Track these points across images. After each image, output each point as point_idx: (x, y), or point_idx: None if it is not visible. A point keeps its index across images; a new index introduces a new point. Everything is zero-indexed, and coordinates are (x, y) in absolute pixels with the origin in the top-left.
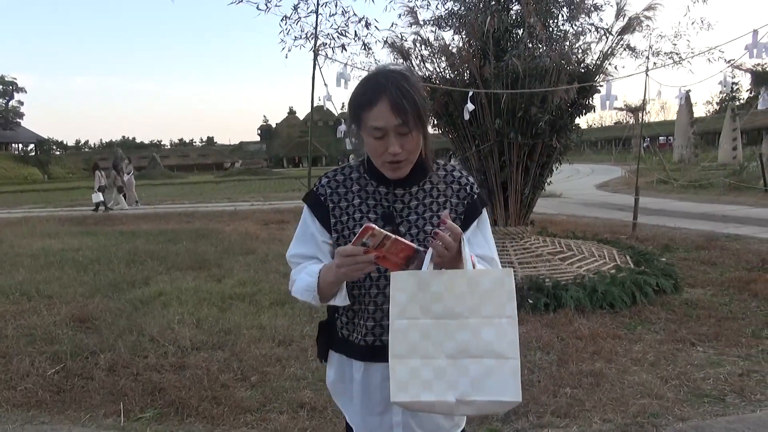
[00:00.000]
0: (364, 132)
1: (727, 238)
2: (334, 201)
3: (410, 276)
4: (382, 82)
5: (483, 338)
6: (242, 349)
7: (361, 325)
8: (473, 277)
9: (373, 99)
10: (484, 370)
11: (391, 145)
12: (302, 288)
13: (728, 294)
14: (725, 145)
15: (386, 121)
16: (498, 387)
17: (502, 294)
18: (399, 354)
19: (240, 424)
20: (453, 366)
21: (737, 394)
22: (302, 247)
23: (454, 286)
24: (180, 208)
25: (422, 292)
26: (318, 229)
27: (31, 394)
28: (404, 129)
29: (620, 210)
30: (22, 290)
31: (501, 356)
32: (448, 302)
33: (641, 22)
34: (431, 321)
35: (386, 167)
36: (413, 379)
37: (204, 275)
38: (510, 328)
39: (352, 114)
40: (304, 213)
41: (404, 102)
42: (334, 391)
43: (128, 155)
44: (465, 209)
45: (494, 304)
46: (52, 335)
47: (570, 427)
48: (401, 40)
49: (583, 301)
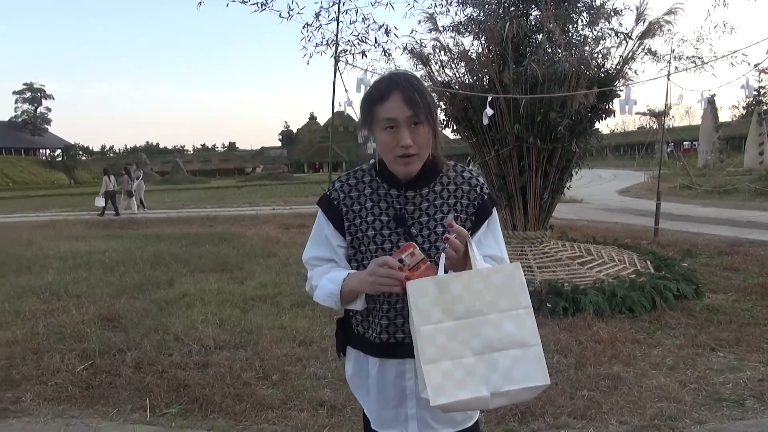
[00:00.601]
0: (376, 128)
1: (751, 244)
2: (347, 205)
3: (429, 281)
4: (394, 79)
5: (505, 331)
6: (264, 348)
7: (375, 323)
8: (487, 275)
9: (386, 93)
10: (511, 360)
11: (403, 137)
12: (324, 295)
13: (751, 300)
14: (751, 150)
15: (398, 113)
16: (527, 374)
17: (515, 287)
18: (430, 359)
19: (262, 420)
20: (482, 362)
21: (757, 399)
22: (318, 249)
23: (471, 286)
24: (203, 212)
25: (442, 295)
26: (332, 232)
27: (61, 389)
28: (416, 120)
29: (642, 215)
30: (52, 290)
31: (524, 345)
32: (468, 302)
33: (662, 27)
34: (455, 322)
35: (397, 162)
36: (447, 381)
37: (226, 277)
38: (528, 318)
39: (365, 111)
40: (319, 217)
41: (416, 95)
42: (352, 384)
43: (152, 160)
44: (475, 210)
45: (510, 298)
46: (81, 333)
47: (586, 429)
48: (421, 46)
49: (602, 305)
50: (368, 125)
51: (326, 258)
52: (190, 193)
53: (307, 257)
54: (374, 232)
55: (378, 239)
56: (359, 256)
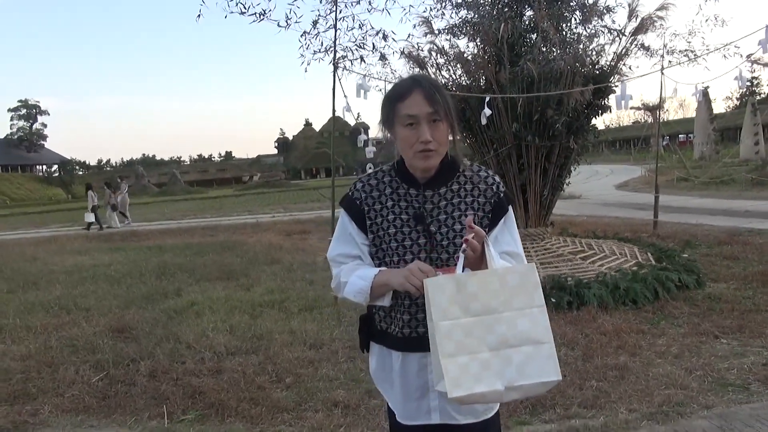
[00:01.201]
0: (397, 125)
1: (750, 233)
2: (368, 204)
3: (448, 280)
4: (416, 78)
5: (519, 328)
6: (275, 352)
7: (397, 318)
8: (503, 275)
9: (407, 90)
10: (525, 356)
11: (423, 133)
12: (355, 291)
13: (752, 287)
14: (746, 140)
15: (419, 109)
16: (539, 369)
17: (529, 286)
18: (448, 353)
19: (278, 422)
20: (497, 357)
21: (761, 383)
22: (345, 247)
23: (488, 285)
24: (203, 222)
25: (460, 293)
26: (356, 231)
27: (78, 400)
28: (435, 117)
29: (641, 209)
30: (61, 304)
31: (537, 342)
32: (484, 300)
33: (654, 22)
34: (472, 319)
35: (418, 157)
36: (464, 375)
37: (233, 285)
38: (541, 316)
39: (386, 109)
40: (342, 216)
41: (436, 94)
42: (377, 379)
43: (148, 172)
44: (492, 208)
45: (524, 297)
46: (94, 345)
47: (597, 418)
48: (417, 49)
49: (606, 298)
50: (389, 123)
51: (353, 255)
52: (189, 204)
53: (333, 254)
54: (395, 230)
55: (399, 237)
56: (381, 254)
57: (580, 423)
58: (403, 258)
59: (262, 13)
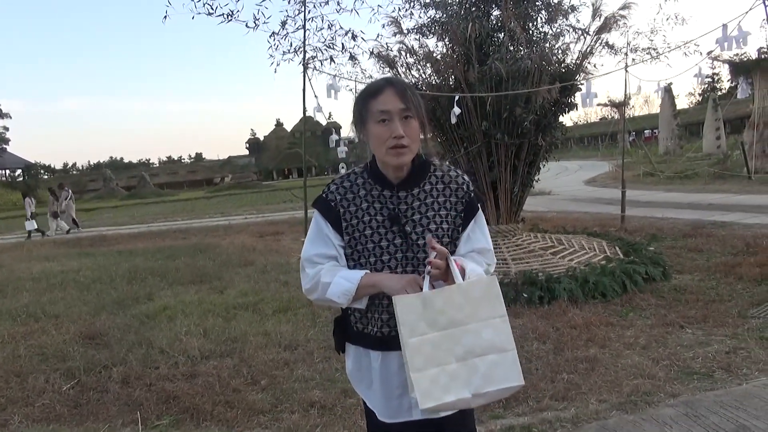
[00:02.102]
0: (370, 121)
1: (713, 225)
2: (344, 206)
3: (415, 298)
4: (388, 78)
5: (484, 338)
6: (250, 355)
7: (376, 318)
8: (466, 289)
9: (380, 88)
10: (490, 364)
11: (396, 128)
12: (339, 292)
13: (715, 278)
14: (709, 135)
15: (392, 105)
16: (504, 375)
17: (492, 297)
18: (418, 368)
19: (254, 424)
20: (464, 367)
21: (725, 370)
22: (322, 247)
23: (453, 300)
24: (174, 225)
25: (427, 310)
26: (332, 232)
27: (49, 409)
28: (407, 113)
29: (609, 204)
30: (29, 312)
31: (501, 350)
32: (450, 314)
33: (617, 21)
34: (439, 333)
35: (390, 154)
36: (434, 386)
37: (206, 288)
38: (503, 325)
39: (359, 106)
40: (316, 217)
41: (407, 91)
42: (353, 379)
43: (117, 175)
44: (464, 207)
45: (487, 308)
46: (64, 352)
47: (568, 409)
48: (387, 49)
49: (576, 292)
50: (362, 121)
51: (330, 255)
52: (159, 207)
53: (309, 254)
54: (371, 231)
55: (375, 238)
56: (356, 255)
57: (552, 415)
58: (380, 258)
59: (230, 14)
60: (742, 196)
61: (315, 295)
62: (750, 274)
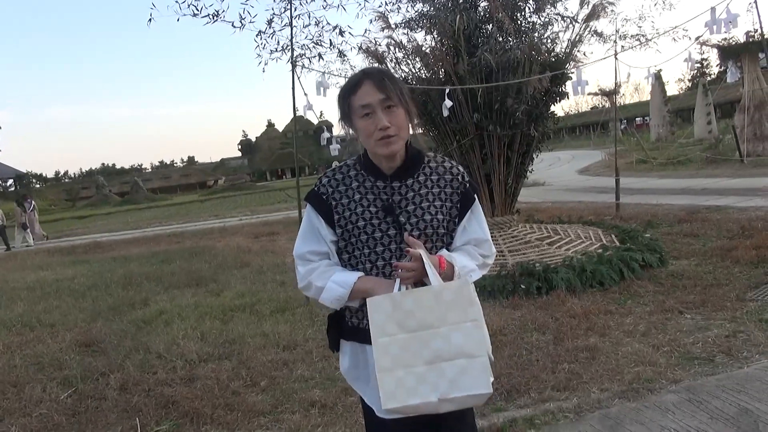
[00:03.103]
0: (354, 118)
1: (707, 209)
2: (336, 198)
3: (384, 299)
4: (365, 71)
5: (453, 342)
6: (248, 356)
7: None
8: (438, 292)
9: (357, 82)
10: (458, 369)
11: (380, 120)
12: (332, 298)
13: (712, 262)
14: (700, 120)
15: (372, 98)
16: (472, 382)
17: (463, 301)
18: (384, 367)
19: (255, 426)
20: (431, 370)
21: (725, 354)
22: (314, 244)
23: (423, 302)
24: (168, 229)
25: (396, 311)
26: (323, 226)
27: (47, 419)
28: (389, 102)
29: (603, 192)
30: (24, 321)
31: (471, 356)
32: (420, 316)
33: (605, 8)
34: (407, 335)
35: (379, 145)
36: (399, 388)
37: (202, 291)
38: (475, 330)
39: (341, 104)
40: (308, 212)
41: (386, 80)
42: (350, 377)
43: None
44: (460, 198)
45: (458, 312)
46: (60, 361)
47: (570, 399)
48: (375, 44)
49: (574, 281)
50: (347, 118)
51: (322, 252)
52: (153, 212)
53: (301, 251)
54: (364, 222)
55: (368, 229)
56: (350, 247)
57: (555, 405)
58: (374, 250)
59: (215, 14)
60: (735, 179)
61: (309, 293)
62: (746, 257)
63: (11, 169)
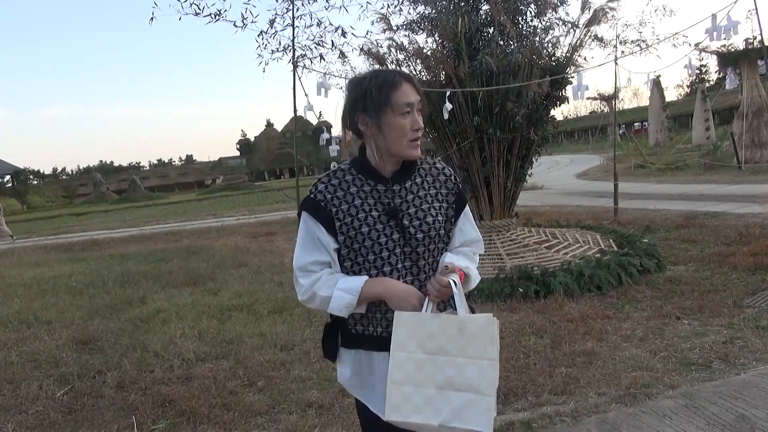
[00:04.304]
0: (390, 113)
1: (705, 215)
2: (335, 205)
3: (411, 316)
4: (398, 70)
5: (466, 375)
6: (246, 356)
7: (379, 318)
8: (463, 322)
9: (398, 80)
10: (465, 402)
11: (417, 121)
12: (341, 306)
13: (709, 268)
14: (698, 126)
15: (414, 97)
16: (474, 418)
17: (485, 338)
18: (396, 380)
19: (252, 426)
20: (440, 395)
21: (722, 360)
22: (314, 254)
23: (447, 328)
24: (166, 227)
25: (420, 330)
26: (324, 235)
27: (42, 416)
28: (420, 105)
29: (601, 197)
30: (20, 318)
31: (480, 392)
32: (440, 341)
33: (606, 13)
34: (425, 356)
35: (411, 146)
36: (406, 403)
37: (200, 290)
38: (490, 370)
39: (377, 97)
40: (306, 221)
41: (417, 84)
42: (352, 386)
43: (107, 179)
44: (455, 199)
45: (478, 347)
46: (57, 358)
47: (567, 404)
48: (377, 46)
49: (571, 285)
50: (377, 111)
51: (324, 261)
52: (151, 210)
53: (303, 263)
54: (368, 228)
55: (373, 234)
56: (353, 254)
57: (552, 410)
58: (380, 255)
59: (217, 14)
60: (733, 186)
61: (312, 305)
62: (744, 263)
63: (9, 165)
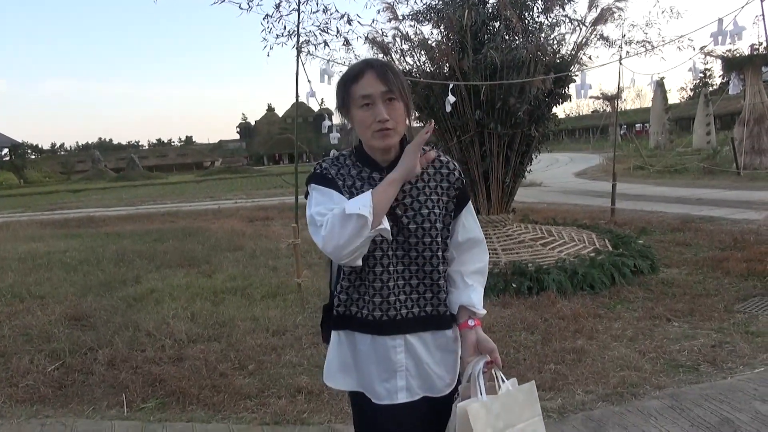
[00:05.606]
0: (353, 107)
1: (701, 220)
2: (340, 179)
3: (480, 407)
4: (367, 60)
5: None
6: (238, 339)
7: (367, 300)
8: (515, 395)
9: (360, 72)
10: None
11: (380, 112)
12: (359, 205)
13: (702, 272)
14: (699, 130)
15: (373, 89)
16: None
17: (532, 399)
18: None
19: (240, 409)
20: None
21: (710, 364)
22: (329, 203)
23: (506, 405)
24: (163, 208)
25: (489, 415)
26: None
27: (33, 390)
28: (390, 95)
29: (599, 196)
30: (14, 292)
31: None
32: (505, 418)
33: (613, 13)
34: None
35: (376, 137)
36: None
37: (194, 272)
38: (540, 424)
39: (341, 93)
40: (316, 188)
41: (388, 72)
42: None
43: (105, 157)
44: (457, 194)
45: (529, 409)
46: (49, 333)
47: (555, 400)
48: (382, 35)
49: (565, 283)
50: (345, 107)
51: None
52: (148, 189)
53: (316, 209)
54: None
55: None
56: None
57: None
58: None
59: None
60: (731, 191)
61: (334, 241)
62: (737, 269)
63: (7, 138)
